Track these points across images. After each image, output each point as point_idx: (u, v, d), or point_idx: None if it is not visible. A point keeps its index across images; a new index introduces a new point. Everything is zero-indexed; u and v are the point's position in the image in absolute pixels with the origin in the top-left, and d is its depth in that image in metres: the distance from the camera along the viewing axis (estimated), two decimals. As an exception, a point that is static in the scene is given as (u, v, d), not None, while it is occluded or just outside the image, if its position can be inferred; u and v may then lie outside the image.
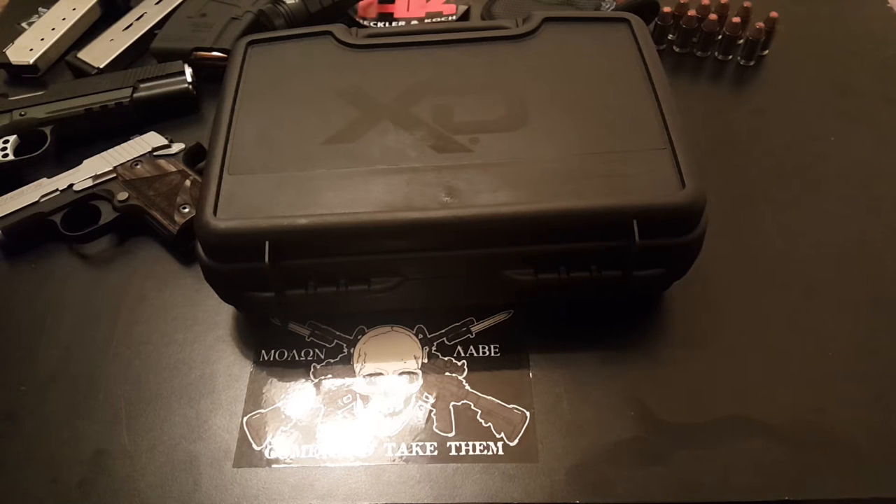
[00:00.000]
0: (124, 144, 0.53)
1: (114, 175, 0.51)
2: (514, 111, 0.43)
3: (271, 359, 0.44)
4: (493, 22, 0.52)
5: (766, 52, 0.61)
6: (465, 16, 0.64)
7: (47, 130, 0.55)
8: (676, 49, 0.62)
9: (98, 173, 0.51)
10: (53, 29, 0.65)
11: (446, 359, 0.44)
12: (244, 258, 0.39)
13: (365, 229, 0.39)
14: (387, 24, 0.64)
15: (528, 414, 0.41)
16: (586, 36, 0.48)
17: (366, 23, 0.64)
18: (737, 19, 0.59)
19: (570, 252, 0.40)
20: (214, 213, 0.39)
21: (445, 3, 0.65)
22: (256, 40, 0.49)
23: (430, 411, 0.41)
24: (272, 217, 0.39)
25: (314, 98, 0.45)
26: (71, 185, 0.51)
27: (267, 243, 0.38)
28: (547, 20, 0.48)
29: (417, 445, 0.40)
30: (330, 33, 0.49)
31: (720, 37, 0.60)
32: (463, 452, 0.40)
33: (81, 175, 0.51)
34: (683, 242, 0.40)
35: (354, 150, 0.42)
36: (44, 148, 0.54)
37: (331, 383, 0.43)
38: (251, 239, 0.39)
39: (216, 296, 0.43)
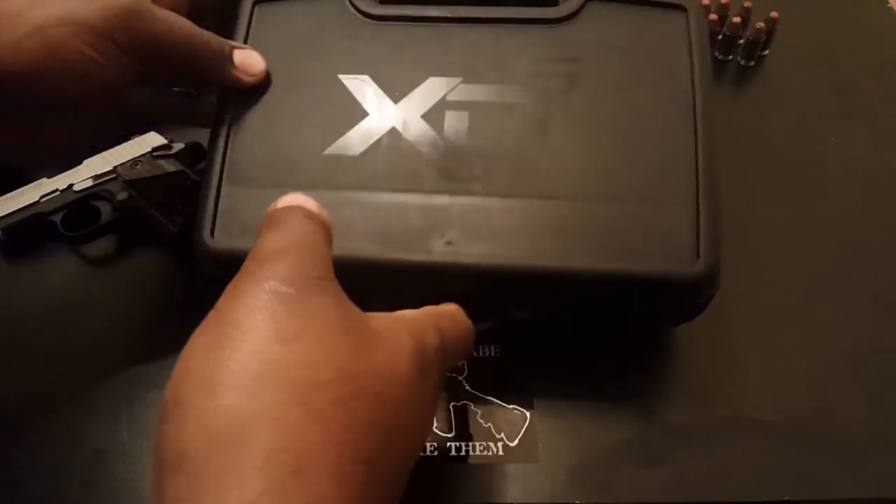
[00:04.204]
0: (124, 144, 0.53)
1: (114, 175, 0.51)
2: (535, 131, 0.39)
3: (271, 359, 0.44)
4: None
5: (767, 52, 0.61)
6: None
7: (47, 130, 0.55)
8: None
9: (98, 173, 0.51)
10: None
11: (446, 359, 0.43)
12: None
13: (359, 266, 0.36)
14: None
15: (527, 414, 0.41)
16: (632, 27, 0.41)
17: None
18: (737, 19, 0.59)
19: (568, 302, 0.39)
20: (211, 233, 0.37)
21: None
22: None
23: (430, 411, 0.41)
24: None
25: (322, 88, 0.41)
26: (71, 185, 0.51)
27: None
28: (590, 1, 0.42)
29: (417, 445, 0.40)
30: None
31: (720, 37, 0.60)
32: (463, 452, 0.40)
33: (81, 175, 0.51)
34: (689, 309, 0.39)
35: (358, 165, 0.39)
36: (44, 148, 0.54)
37: (331, 383, 0.43)
38: None
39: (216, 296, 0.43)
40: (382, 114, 0.40)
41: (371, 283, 0.36)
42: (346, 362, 0.25)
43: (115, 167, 0.52)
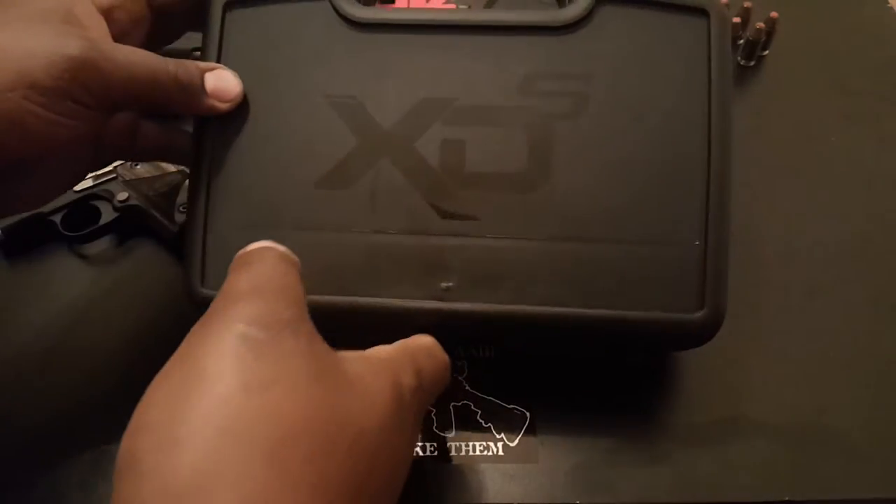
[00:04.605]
0: (124, 144, 0.53)
1: (114, 175, 0.51)
2: (536, 160, 0.36)
3: (271, 359, 0.44)
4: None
5: (766, 52, 0.61)
6: (465, 16, 0.64)
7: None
8: None
9: (98, 173, 0.51)
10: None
11: (446, 359, 0.43)
12: None
13: (351, 311, 0.35)
14: None
15: (527, 414, 0.41)
16: (647, 35, 0.37)
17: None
18: (737, 19, 0.59)
19: (568, 344, 0.38)
20: (202, 280, 0.36)
21: (445, 3, 0.65)
22: (236, 1, 0.39)
23: (431, 411, 0.41)
24: None
25: (307, 111, 0.38)
26: (71, 185, 0.51)
27: None
28: (600, 3, 0.37)
29: (417, 445, 0.40)
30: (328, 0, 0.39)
31: (720, 37, 0.60)
32: (463, 452, 0.40)
33: (81, 175, 0.51)
34: (690, 346, 0.38)
35: (348, 201, 0.36)
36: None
37: (331, 383, 0.43)
38: None
39: (216, 295, 0.43)
40: (373, 142, 0.37)
41: (364, 329, 0.35)
42: (317, 413, 0.23)
43: (115, 167, 0.52)
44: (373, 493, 0.24)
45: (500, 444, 0.40)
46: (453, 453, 0.40)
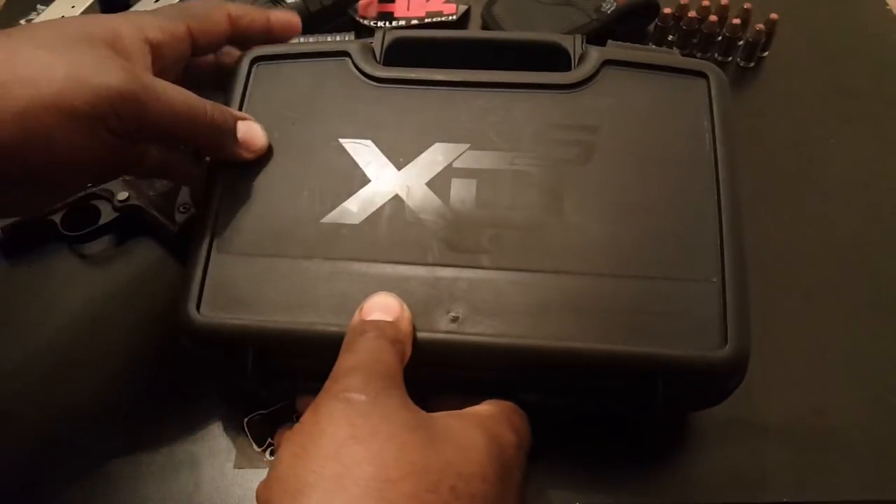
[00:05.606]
0: (124, 144, 0.53)
1: (114, 175, 0.51)
2: (547, 201, 0.36)
3: (271, 359, 0.44)
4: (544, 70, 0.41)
5: (766, 53, 0.61)
6: (464, 16, 0.64)
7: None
8: (677, 50, 0.62)
9: (98, 173, 0.51)
10: (53, 29, 0.65)
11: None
12: (225, 353, 0.36)
13: None
14: (401, 22, 0.64)
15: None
16: (651, 94, 0.39)
17: (366, 22, 0.64)
18: (737, 21, 0.59)
19: (581, 389, 0.36)
20: (198, 306, 0.35)
21: (445, 2, 0.65)
22: (263, 56, 0.41)
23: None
24: (259, 318, 0.34)
25: (321, 152, 0.39)
26: (71, 185, 0.51)
27: (251, 350, 0.35)
28: (608, 63, 0.40)
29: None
30: (348, 55, 0.41)
31: (720, 38, 0.60)
32: (463, 452, 0.40)
33: (81, 175, 0.51)
34: (714, 396, 0.36)
35: (358, 234, 0.36)
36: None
37: (331, 383, 0.43)
38: (234, 340, 0.35)
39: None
40: (385, 180, 0.37)
41: None
42: (417, 457, 0.27)
43: (115, 167, 0.52)
44: None
45: (500, 445, 0.40)
46: (454, 453, 0.40)
